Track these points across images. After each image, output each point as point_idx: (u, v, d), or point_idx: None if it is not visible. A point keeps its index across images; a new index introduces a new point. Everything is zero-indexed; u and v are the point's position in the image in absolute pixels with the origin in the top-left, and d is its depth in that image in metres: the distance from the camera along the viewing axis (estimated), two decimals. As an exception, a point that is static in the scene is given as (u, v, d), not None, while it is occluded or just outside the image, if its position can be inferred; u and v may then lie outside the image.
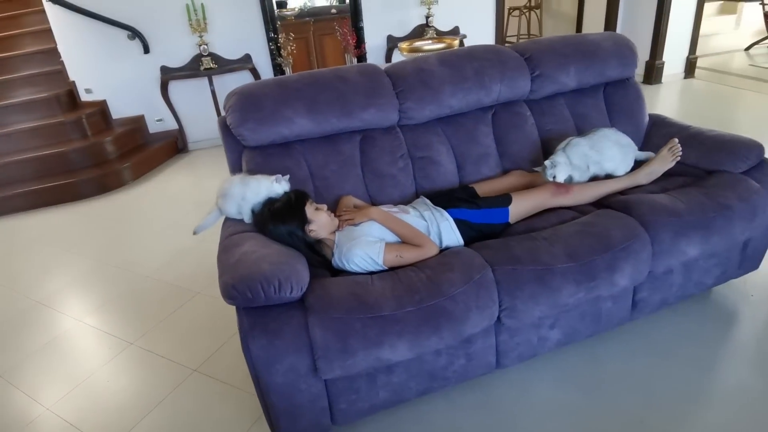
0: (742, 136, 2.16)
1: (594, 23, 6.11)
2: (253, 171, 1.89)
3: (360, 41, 4.75)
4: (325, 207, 1.76)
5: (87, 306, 2.63)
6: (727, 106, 4.90)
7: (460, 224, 1.82)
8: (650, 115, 2.51)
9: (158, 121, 4.78)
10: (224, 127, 1.97)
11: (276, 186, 1.74)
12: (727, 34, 7.49)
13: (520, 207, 1.91)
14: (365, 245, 1.66)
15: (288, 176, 1.82)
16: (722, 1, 8.04)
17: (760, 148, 2.09)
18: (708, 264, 2.03)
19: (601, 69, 2.37)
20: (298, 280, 1.43)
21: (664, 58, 5.56)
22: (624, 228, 1.75)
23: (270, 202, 1.72)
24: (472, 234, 1.83)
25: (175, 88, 4.66)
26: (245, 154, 1.95)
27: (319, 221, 1.70)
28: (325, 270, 1.72)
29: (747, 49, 7.15)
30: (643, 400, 1.77)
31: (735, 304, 2.22)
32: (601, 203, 1.99)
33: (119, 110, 4.68)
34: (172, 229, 3.35)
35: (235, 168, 1.99)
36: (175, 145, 4.82)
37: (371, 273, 1.66)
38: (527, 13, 7.62)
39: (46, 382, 2.14)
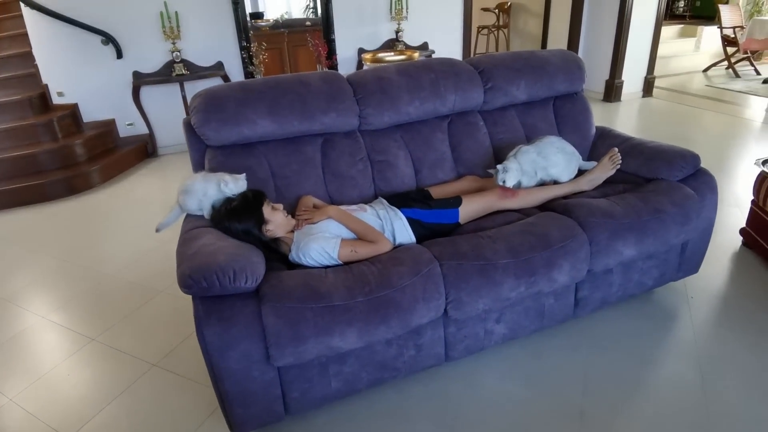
0: (680, 147, 2.32)
1: (558, 42, 6.38)
2: (214, 169, 1.97)
3: (331, 53, 4.87)
4: (281, 206, 1.84)
5: (51, 303, 2.65)
6: (682, 123, 5.15)
7: (413, 223, 1.93)
8: (597, 128, 2.67)
9: (129, 125, 4.80)
10: (188, 127, 2.05)
11: (224, 187, 1.78)
12: (687, 56, 7.83)
13: (469, 208, 2.03)
14: (322, 240, 1.75)
15: (244, 174, 1.87)
16: (682, 25, 8.43)
17: (695, 158, 2.25)
18: (647, 265, 2.17)
19: (550, 83, 2.52)
20: (252, 271, 1.51)
21: (623, 78, 5.83)
22: (563, 228, 1.87)
23: (228, 201, 1.79)
24: (424, 232, 1.94)
25: (147, 93, 4.70)
26: (208, 153, 2.03)
27: (276, 221, 1.78)
28: (282, 265, 1.80)
29: (705, 70, 7.51)
30: (584, 392, 1.88)
31: (675, 305, 2.37)
32: (545, 207, 2.12)
33: (90, 114, 4.69)
34: (138, 230, 3.38)
35: (198, 166, 2.06)
36: (145, 150, 4.84)
37: (327, 267, 1.75)
38: (495, 32, 7.89)
39: (8, 374, 2.16)
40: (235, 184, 1.81)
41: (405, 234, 1.90)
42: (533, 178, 2.17)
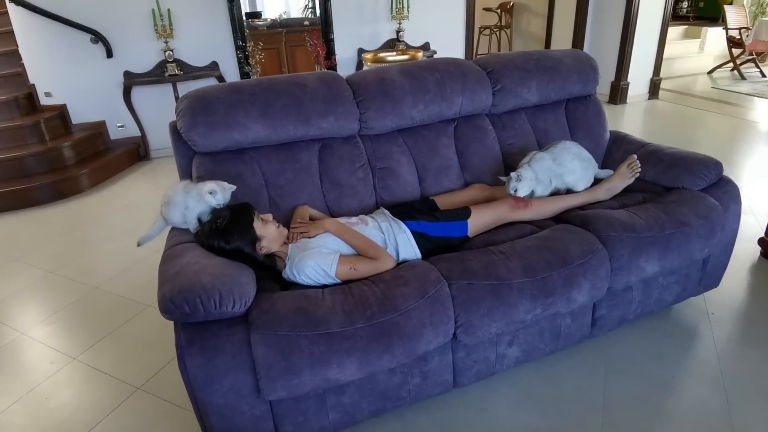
0: (701, 154, 2.18)
1: (562, 44, 6.24)
2: (202, 177, 1.81)
3: (330, 53, 4.72)
4: (270, 217, 1.69)
5: (32, 318, 2.49)
6: (689, 126, 5.02)
7: (418, 237, 1.77)
8: (611, 132, 2.53)
9: (120, 127, 4.64)
10: (174, 131, 1.90)
11: (210, 199, 1.61)
12: (691, 58, 7.70)
13: (479, 221, 1.87)
14: (318, 256, 1.59)
15: (234, 188, 1.70)
16: (687, 26, 8.30)
17: (718, 165, 2.10)
18: (668, 281, 2.02)
19: (563, 85, 2.37)
20: (241, 294, 1.35)
21: (628, 79, 5.68)
22: (582, 243, 1.72)
23: (214, 219, 1.61)
24: (430, 247, 1.78)
25: (139, 94, 4.54)
26: (195, 160, 1.87)
27: (269, 235, 1.63)
28: (274, 283, 1.64)
29: (710, 72, 7.38)
30: (603, 420, 1.73)
31: (695, 322, 2.22)
32: (560, 218, 1.97)
33: (79, 115, 4.53)
34: (127, 238, 3.22)
35: (185, 174, 1.90)
36: (136, 153, 4.68)
37: (324, 286, 1.59)
38: (497, 33, 7.75)
39: (-23, 399, 2.00)
40: (223, 195, 1.64)
41: (409, 249, 1.75)
42: (548, 187, 2.02)
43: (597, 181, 2.15)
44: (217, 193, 1.62)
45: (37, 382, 2.06)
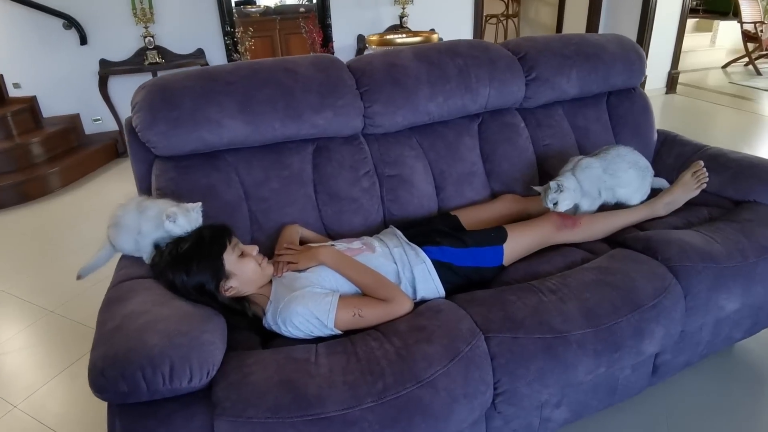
0: (772, 160, 1.81)
1: (574, 34, 5.85)
2: (163, 189, 1.42)
3: (327, 39, 4.32)
4: (255, 250, 1.28)
5: (-31, 350, 2.10)
6: (713, 123, 4.72)
7: (441, 268, 1.37)
8: (659, 132, 2.15)
9: (96, 121, 4.25)
10: (130, 130, 1.49)
11: (170, 225, 1.20)
12: (703, 52, 7.44)
13: (517, 245, 1.48)
14: (310, 300, 1.20)
15: (199, 204, 1.28)
16: (698, 19, 7.99)
17: (794, 174, 1.74)
18: (739, 316, 1.65)
19: (606, 75, 1.99)
20: (202, 360, 0.96)
21: (646, 73, 5.31)
22: (651, 277, 1.34)
23: (177, 242, 1.21)
24: (455, 281, 1.39)
25: (116, 84, 4.14)
26: (156, 167, 1.48)
27: (244, 274, 1.22)
28: (251, 332, 1.25)
29: (725, 66, 7.10)
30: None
31: (763, 360, 1.86)
32: (615, 239, 1.59)
33: (51, 108, 4.14)
34: (94, 250, 2.81)
35: (144, 185, 1.51)
36: (114, 149, 4.28)
37: (318, 339, 1.20)
38: (504, 21, 7.36)
39: None
40: (186, 218, 1.22)
41: (430, 284, 1.35)
42: (595, 201, 1.63)
43: (653, 192, 1.77)
44: (177, 217, 1.20)
45: (-34, 438, 1.67)
